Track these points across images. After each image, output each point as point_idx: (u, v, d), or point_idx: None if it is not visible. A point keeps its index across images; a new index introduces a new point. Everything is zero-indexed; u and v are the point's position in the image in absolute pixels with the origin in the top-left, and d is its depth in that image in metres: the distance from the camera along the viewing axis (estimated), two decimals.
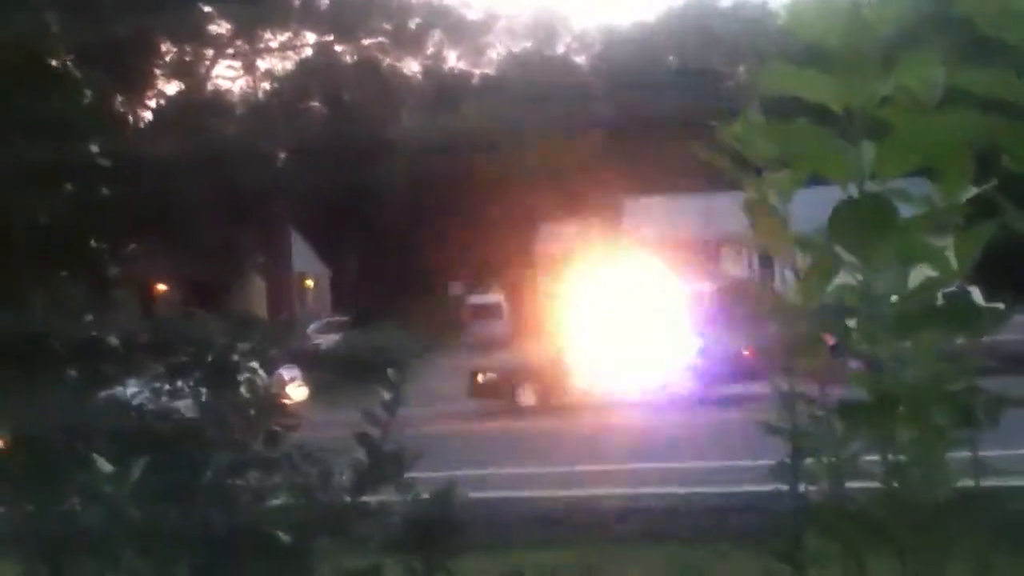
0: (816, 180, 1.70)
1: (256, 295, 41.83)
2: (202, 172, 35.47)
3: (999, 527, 1.82)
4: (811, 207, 2.12)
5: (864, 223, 1.46)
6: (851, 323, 1.69)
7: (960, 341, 1.82)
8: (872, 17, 1.46)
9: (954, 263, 1.68)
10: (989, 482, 1.97)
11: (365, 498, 2.40)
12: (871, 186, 1.55)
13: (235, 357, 2.68)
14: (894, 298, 1.70)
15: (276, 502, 2.45)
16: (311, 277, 49.00)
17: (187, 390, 2.70)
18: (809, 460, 2.05)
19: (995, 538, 1.83)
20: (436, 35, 56.01)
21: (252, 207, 41.44)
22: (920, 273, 1.71)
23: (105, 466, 1.82)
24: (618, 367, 22.07)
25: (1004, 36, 1.44)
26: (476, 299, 39.20)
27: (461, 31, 56.98)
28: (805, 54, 1.89)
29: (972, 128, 1.40)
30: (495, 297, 39.13)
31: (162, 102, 41.54)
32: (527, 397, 22.65)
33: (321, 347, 32.32)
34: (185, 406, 2.68)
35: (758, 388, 18.75)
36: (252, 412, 2.61)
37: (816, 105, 1.57)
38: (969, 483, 1.90)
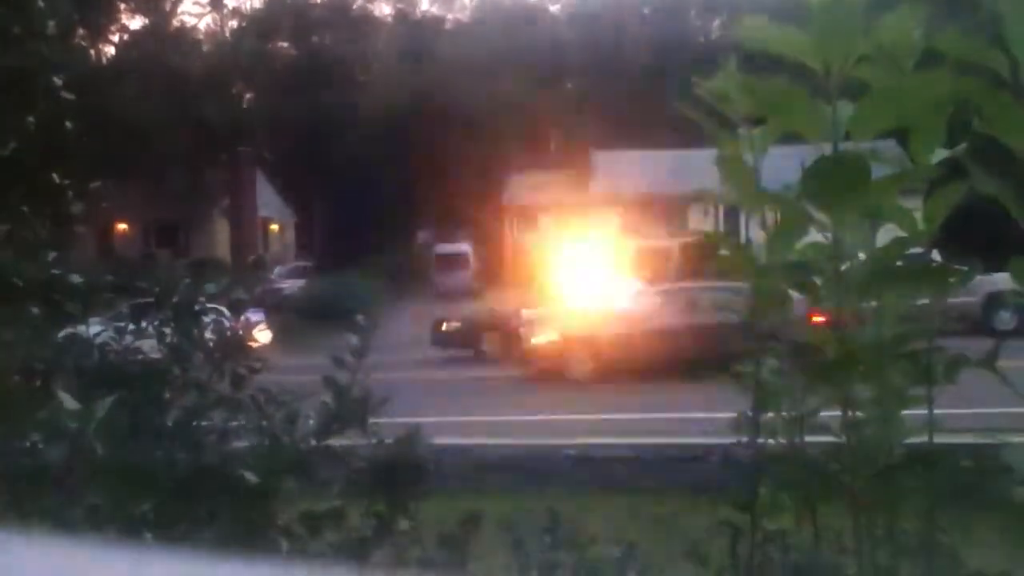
0: (789, 138, 1.70)
1: (220, 238, 41.37)
2: (167, 110, 34.83)
3: (950, 483, 1.87)
4: (779, 165, 2.14)
5: (837, 181, 1.47)
6: (817, 280, 1.71)
7: (923, 301, 1.85)
8: None
9: (922, 224, 1.71)
10: (942, 439, 2.03)
11: (330, 442, 2.41)
12: (845, 146, 1.56)
13: (201, 298, 2.66)
14: (862, 257, 1.73)
15: (241, 444, 2.46)
16: (276, 222, 48.49)
17: (151, 330, 2.69)
18: (769, 414, 2.09)
19: (946, 494, 1.88)
20: None
21: (218, 148, 40.82)
22: (888, 233, 1.73)
23: (70, 403, 1.82)
24: (582, 317, 22.19)
25: None
26: (443, 248, 39.06)
27: None
28: (782, 9, 1.89)
29: (948, 90, 1.40)
30: (462, 247, 39.01)
31: (127, 37, 40.59)
32: (490, 347, 22.74)
33: (285, 292, 32.18)
34: (150, 347, 2.66)
35: None
36: (218, 354, 2.60)
37: (794, 62, 1.57)
38: (923, 440, 1.95)
